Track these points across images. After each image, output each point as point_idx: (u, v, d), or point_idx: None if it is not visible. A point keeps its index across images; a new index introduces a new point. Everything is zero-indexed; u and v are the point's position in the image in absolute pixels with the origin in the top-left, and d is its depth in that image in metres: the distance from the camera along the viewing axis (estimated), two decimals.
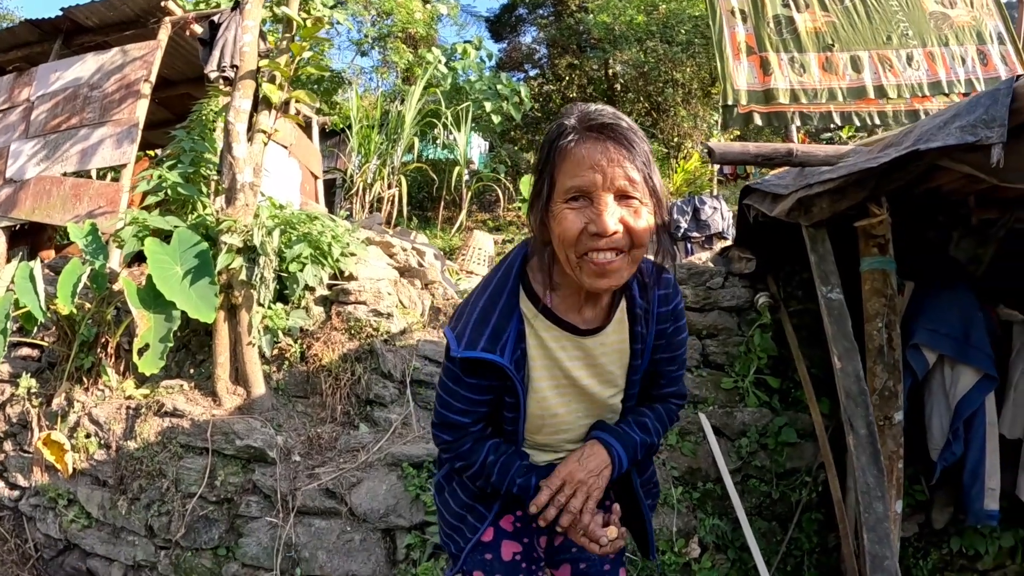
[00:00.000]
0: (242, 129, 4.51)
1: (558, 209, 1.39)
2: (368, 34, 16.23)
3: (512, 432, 1.65)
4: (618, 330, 1.63)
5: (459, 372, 1.56)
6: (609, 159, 1.34)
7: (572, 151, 1.36)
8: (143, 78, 6.79)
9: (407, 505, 3.57)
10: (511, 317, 1.53)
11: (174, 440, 3.96)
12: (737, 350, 4.18)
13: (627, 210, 1.36)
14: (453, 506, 1.79)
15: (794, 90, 5.31)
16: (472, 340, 1.51)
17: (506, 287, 1.56)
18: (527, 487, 1.59)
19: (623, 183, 1.34)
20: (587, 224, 1.35)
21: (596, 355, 1.61)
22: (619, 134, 1.36)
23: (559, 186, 1.38)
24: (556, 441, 1.71)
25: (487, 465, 1.62)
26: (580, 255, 1.38)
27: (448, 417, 1.62)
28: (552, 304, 1.56)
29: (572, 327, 1.57)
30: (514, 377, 1.53)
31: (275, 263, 4.27)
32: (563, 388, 1.63)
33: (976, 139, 2.03)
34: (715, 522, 3.69)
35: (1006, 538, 3.80)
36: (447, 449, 1.67)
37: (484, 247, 8.02)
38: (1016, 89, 2.01)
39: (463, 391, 1.58)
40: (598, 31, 15.12)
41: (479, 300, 1.57)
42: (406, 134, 10.50)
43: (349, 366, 4.26)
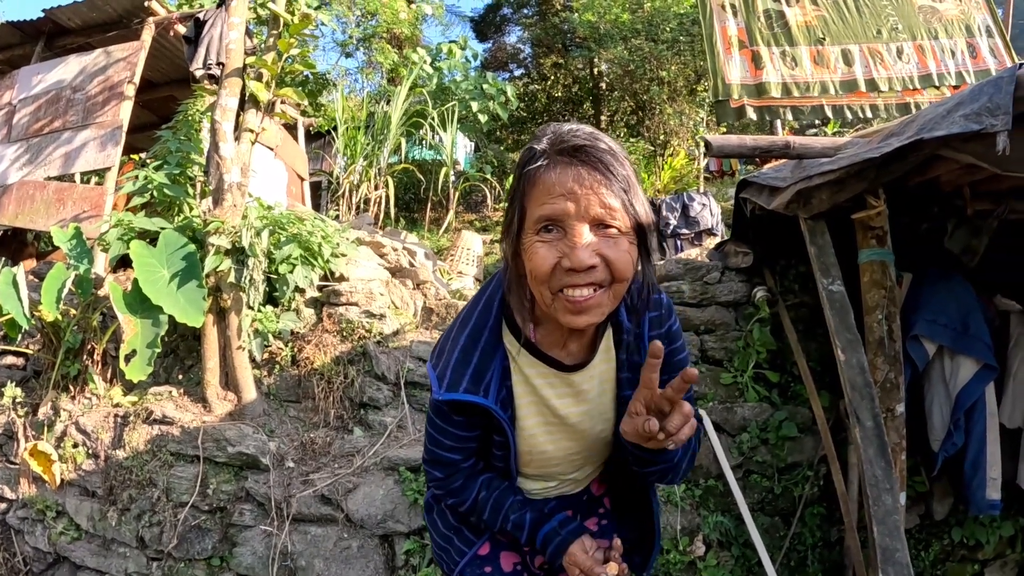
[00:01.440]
0: (229, 128, 4.43)
1: (529, 242, 1.27)
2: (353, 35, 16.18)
3: (503, 469, 1.58)
4: (605, 360, 1.53)
5: (446, 410, 1.48)
6: (582, 185, 1.22)
7: (542, 177, 1.25)
8: (127, 79, 6.70)
9: (405, 510, 3.51)
10: (494, 355, 1.45)
11: (164, 448, 3.88)
12: (735, 345, 4.15)
13: (605, 240, 1.24)
14: (441, 527, 1.75)
15: (786, 83, 5.31)
16: (454, 381, 1.42)
17: (487, 323, 1.46)
18: (521, 524, 1.54)
19: (599, 211, 1.22)
20: (561, 258, 1.23)
21: (585, 391, 1.52)
22: (594, 157, 1.24)
23: (529, 216, 1.27)
24: (547, 473, 1.65)
25: (479, 502, 1.57)
26: (555, 291, 1.27)
27: (439, 454, 1.56)
28: (536, 339, 1.47)
29: (557, 363, 1.48)
30: (500, 417, 1.45)
31: (264, 264, 4.20)
32: (552, 426, 1.54)
33: (981, 127, 2.01)
34: (719, 519, 3.65)
35: (1006, 527, 3.82)
36: (439, 486, 1.61)
37: (473, 247, 7.98)
38: (1020, 77, 1.99)
39: (452, 428, 1.51)
40: (583, 30, 15.11)
41: (460, 337, 1.47)
42: (392, 135, 10.42)
43: (342, 369, 4.19)
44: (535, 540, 1.53)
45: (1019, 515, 3.88)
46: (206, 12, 6.65)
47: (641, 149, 13.81)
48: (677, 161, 12.63)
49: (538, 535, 1.52)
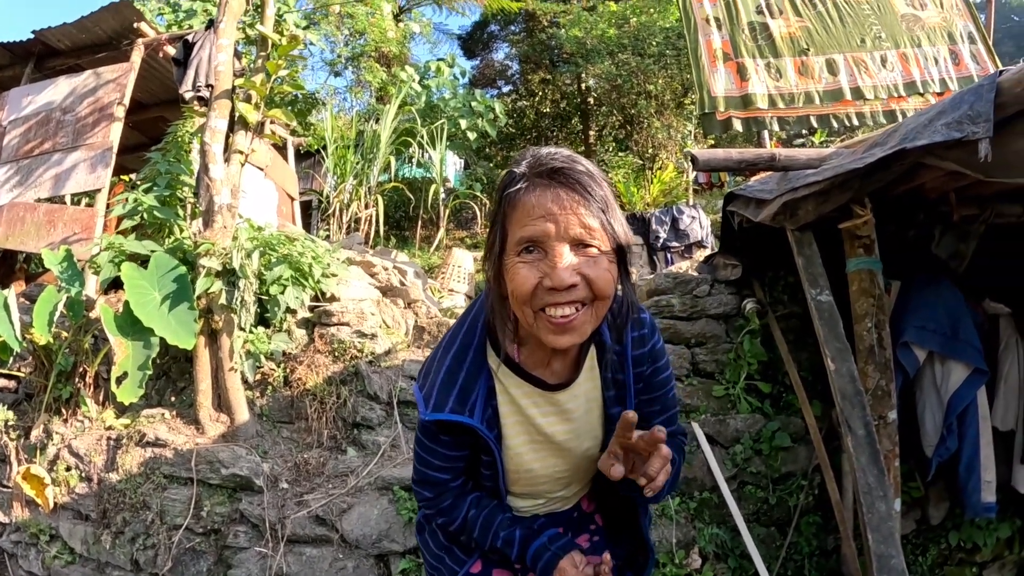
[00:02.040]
0: (218, 150, 4.44)
1: (511, 263, 1.29)
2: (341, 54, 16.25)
3: (492, 488, 1.58)
4: (589, 378, 1.54)
5: (432, 432, 1.50)
6: (561, 206, 1.24)
7: (522, 199, 1.27)
8: (116, 101, 6.71)
9: (400, 529, 3.50)
10: (479, 375, 1.46)
11: (157, 471, 3.87)
12: (727, 357, 4.17)
13: (585, 260, 1.26)
14: (433, 547, 1.75)
15: (771, 95, 5.35)
16: (439, 402, 1.43)
17: (472, 343, 1.48)
18: (511, 540, 1.53)
19: (578, 231, 1.25)
20: (542, 278, 1.25)
21: (570, 410, 1.53)
22: (572, 179, 1.26)
23: (511, 237, 1.29)
24: (535, 491, 1.65)
25: (469, 520, 1.56)
26: (537, 311, 1.29)
27: (427, 475, 1.57)
28: (520, 359, 1.48)
29: (541, 382, 1.49)
30: (487, 437, 1.46)
31: (255, 286, 4.20)
32: (537, 445, 1.55)
33: (963, 135, 2.03)
34: (714, 531, 3.65)
35: (1003, 529, 3.82)
36: (429, 505, 1.62)
37: (463, 265, 7.99)
38: (1000, 83, 2.02)
39: (440, 448, 1.52)
40: (570, 46, 15.18)
41: (444, 358, 1.48)
42: (382, 153, 10.45)
43: (334, 389, 4.18)
44: (525, 556, 1.52)
45: (1015, 516, 3.89)
46: (195, 34, 6.67)
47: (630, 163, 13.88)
48: (666, 174, 12.69)
49: (528, 551, 1.51)
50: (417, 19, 18.65)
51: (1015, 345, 3.54)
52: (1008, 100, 2.01)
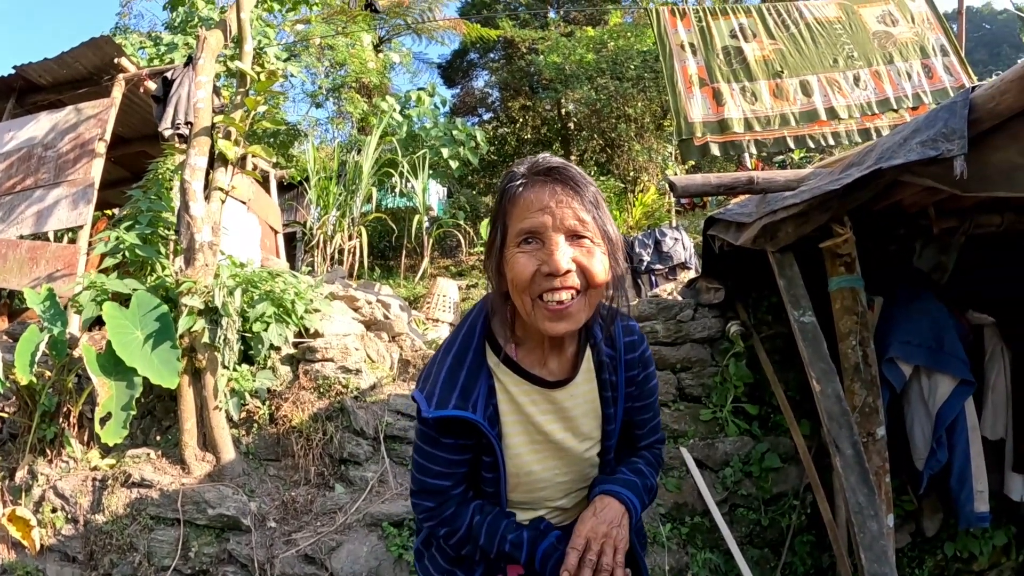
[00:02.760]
0: (199, 187, 4.43)
1: (511, 254, 1.38)
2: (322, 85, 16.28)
3: (493, 493, 1.58)
4: (587, 380, 1.60)
5: (434, 433, 1.51)
6: (557, 200, 1.34)
7: (521, 195, 1.38)
8: (97, 136, 6.68)
9: (390, 566, 3.46)
10: (479, 374, 1.50)
11: (143, 512, 3.81)
12: (712, 381, 4.17)
13: (579, 250, 1.36)
14: (434, 572, 1.71)
15: (747, 118, 5.40)
16: (442, 399, 1.46)
17: (471, 344, 1.53)
18: (519, 543, 1.52)
19: (573, 223, 1.35)
20: (540, 265, 1.34)
21: (568, 408, 1.58)
22: (566, 177, 1.37)
23: (511, 231, 1.39)
24: (534, 499, 1.64)
25: (474, 527, 1.54)
26: (535, 298, 1.37)
27: (427, 483, 1.55)
28: (518, 358, 1.54)
29: (540, 380, 1.54)
30: (489, 433, 1.48)
31: (238, 324, 4.18)
32: (537, 445, 1.57)
33: (938, 153, 2.05)
34: (707, 555, 3.63)
35: (999, 537, 3.84)
36: (430, 516, 1.58)
37: (448, 294, 7.97)
38: (973, 100, 2.04)
39: (440, 452, 1.52)
40: (549, 72, 15.28)
41: (445, 359, 1.53)
42: (364, 184, 10.46)
43: (320, 425, 4.14)
44: (534, 559, 1.52)
45: (1010, 523, 3.90)
46: (174, 71, 6.67)
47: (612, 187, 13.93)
48: (648, 197, 12.76)
49: (537, 552, 1.51)
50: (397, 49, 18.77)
51: (1000, 354, 3.56)
52: (983, 116, 2.03)
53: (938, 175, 2.25)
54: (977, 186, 2.14)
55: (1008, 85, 1.93)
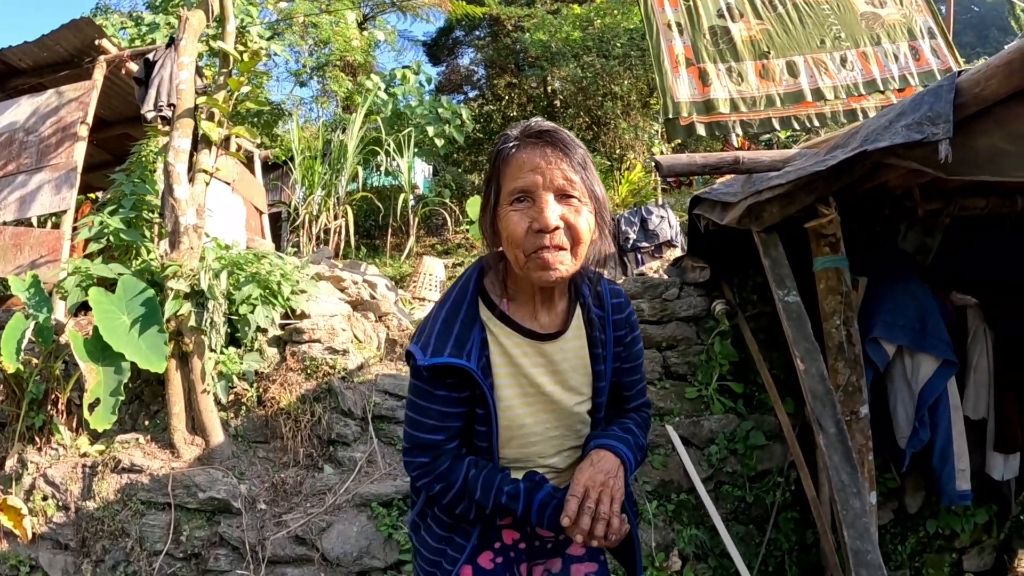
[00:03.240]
0: (182, 170, 4.40)
1: (504, 212, 1.47)
2: (306, 64, 16.11)
3: (486, 448, 1.61)
4: (577, 336, 1.66)
5: (427, 386, 1.55)
6: (548, 161, 1.43)
7: (514, 156, 1.46)
8: (79, 120, 6.58)
9: (380, 546, 3.49)
10: (473, 326, 1.56)
11: (134, 497, 3.81)
12: (698, 359, 4.20)
13: (568, 208, 1.44)
14: (431, 542, 1.71)
15: (733, 99, 5.39)
16: (437, 348, 1.51)
17: (465, 299, 1.59)
18: (515, 494, 1.55)
19: (562, 182, 1.43)
20: (531, 222, 1.42)
21: (558, 361, 1.63)
22: (556, 139, 1.45)
23: (504, 190, 1.47)
24: (526, 455, 1.67)
25: (469, 481, 1.56)
26: (528, 254, 1.44)
27: (420, 438, 1.59)
28: (510, 312, 1.60)
29: (531, 332, 1.60)
30: (483, 383, 1.53)
31: (224, 306, 4.16)
32: (529, 397, 1.62)
33: (923, 136, 2.07)
34: (693, 532, 3.68)
35: (980, 515, 3.93)
36: (424, 472, 1.61)
37: (434, 273, 7.95)
38: (959, 84, 2.05)
39: (434, 405, 1.55)
40: (535, 49, 15.18)
41: (440, 312, 1.59)
42: (349, 163, 10.37)
43: (308, 407, 4.15)
44: (531, 509, 1.55)
45: (991, 502, 3.98)
46: (156, 52, 6.57)
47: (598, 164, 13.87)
48: (634, 175, 12.73)
49: (533, 502, 1.55)
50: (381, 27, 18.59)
51: (983, 335, 3.61)
52: (968, 100, 2.04)
53: (923, 158, 2.26)
54: (962, 170, 2.16)
55: (994, 71, 1.94)
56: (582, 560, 1.79)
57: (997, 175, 2.15)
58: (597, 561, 1.81)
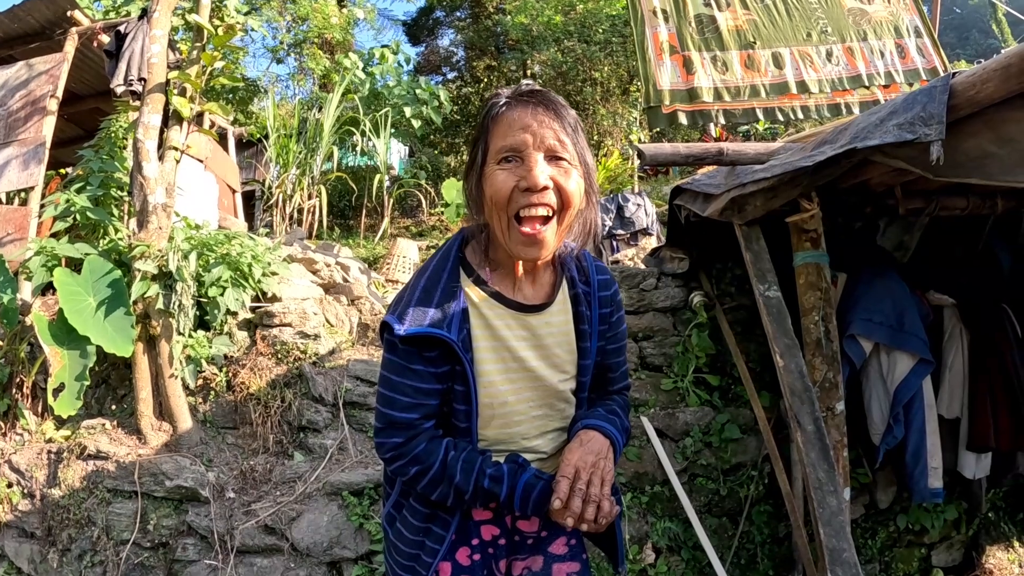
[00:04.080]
0: (152, 146, 4.27)
1: (491, 171, 1.43)
2: (284, 40, 15.82)
3: (466, 429, 1.53)
4: (562, 311, 1.61)
5: (402, 360, 1.47)
6: (539, 121, 1.39)
7: (504, 115, 1.42)
8: (49, 93, 6.41)
9: (351, 535, 3.43)
10: (453, 296, 1.49)
11: (100, 485, 3.71)
12: (674, 350, 4.18)
13: (557, 170, 1.41)
14: (407, 534, 1.61)
15: (717, 88, 5.35)
16: (416, 317, 1.45)
17: (446, 268, 1.53)
18: (499, 477, 1.48)
19: (553, 142, 1.39)
20: (518, 182, 1.39)
21: (542, 335, 1.57)
22: (548, 100, 1.43)
23: (492, 148, 1.43)
24: (509, 436, 1.60)
25: (448, 464, 1.47)
26: (512, 216, 1.41)
27: (394, 416, 1.49)
28: (492, 282, 1.55)
29: (515, 304, 1.55)
30: (463, 357, 1.46)
31: (193, 288, 4.06)
32: (512, 373, 1.55)
33: (915, 137, 2.04)
34: (667, 524, 3.67)
35: (950, 511, 3.97)
36: (398, 454, 1.50)
37: (408, 255, 7.88)
38: (954, 86, 2.02)
39: (409, 381, 1.47)
40: (516, 32, 15.06)
41: (418, 281, 1.53)
42: (325, 142, 10.27)
43: (278, 392, 4.07)
44: (515, 492, 1.49)
45: (961, 499, 4.03)
46: (128, 24, 6.41)
47: None
48: (611, 161, 12.69)
49: (518, 485, 1.49)
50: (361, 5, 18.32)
51: (959, 335, 3.62)
52: (961, 103, 2.02)
53: (911, 157, 2.24)
54: (949, 171, 2.14)
55: (990, 74, 1.92)
56: (564, 559, 1.71)
57: (984, 178, 2.13)
58: (579, 560, 1.74)
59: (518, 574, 1.72)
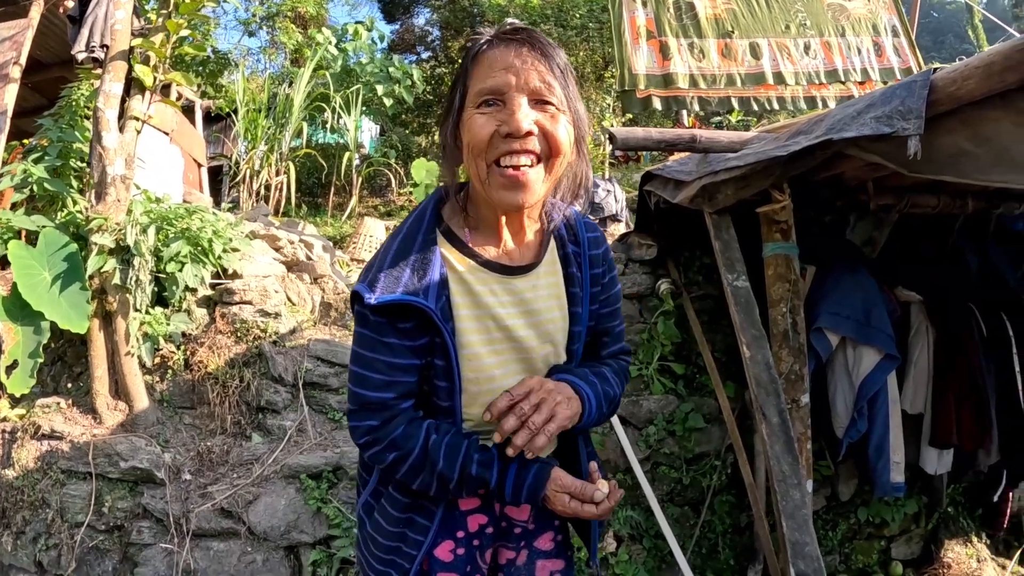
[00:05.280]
0: (112, 116, 4.13)
1: (469, 115, 1.31)
2: (256, 13, 15.53)
3: (448, 408, 1.40)
4: (551, 272, 1.49)
5: (373, 333, 1.34)
6: (523, 60, 1.27)
7: (485, 54, 1.30)
8: (12, 60, 6.19)
9: (309, 519, 3.37)
10: (429, 260, 1.35)
11: (54, 465, 3.61)
12: (640, 338, 4.15)
13: (543, 115, 1.29)
14: (386, 526, 1.49)
15: (693, 75, 5.35)
16: (389, 284, 1.31)
17: (420, 229, 1.39)
18: (488, 463, 1.36)
19: (538, 84, 1.27)
20: (499, 126, 1.26)
21: (529, 300, 1.44)
22: (535, 39, 1.30)
23: (471, 91, 1.31)
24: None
25: (430, 448, 1.34)
26: (491, 163, 1.29)
27: (366, 396, 1.35)
28: (473, 243, 1.41)
29: (499, 265, 1.41)
30: (442, 327, 1.32)
31: (151, 264, 3.94)
32: (497, 344, 1.42)
33: (892, 130, 2.01)
34: (628, 513, 3.66)
35: (910, 505, 4.03)
36: (374, 439, 1.37)
37: (375, 234, 7.80)
38: (935, 81, 1.99)
39: (382, 356, 1.34)
40: (492, 13, 14.91)
41: (391, 245, 1.38)
42: (295, 118, 10.09)
43: (237, 372, 3.99)
44: (506, 477, 1.37)
45: (921, 494, 4.08)
46: None
47: None
48: None
49: (509, 470, 1.38)
50: None
51: (925, 332, 3.63)
52: (941, 98, 1.99)
53: (886, 152, 2.22)
54: (923, 168, 2.12)
55: (972, 71, 1.89)
56: (549, 555, 1.63)
57: (958, 176, 2.11)
58: (564, 557, 1.66)
59: (503, 563, 1.63)
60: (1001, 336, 3.66)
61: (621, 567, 3.51)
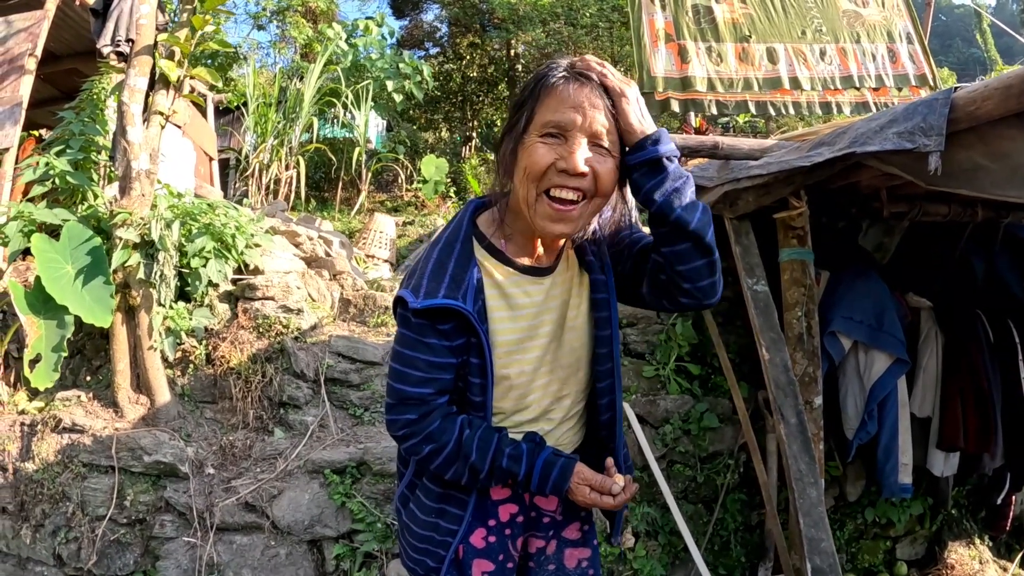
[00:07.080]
0: (137, 110, 4.17)
1: (531, 141, 1.40)
2: (266, 7, 15.51)
3: (480, 403, 1.51)
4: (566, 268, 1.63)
5: (415, 334, 1.45)
6: (592, 104, 1.37)
7: (559, 88, 1.39)
8: (28, 52, 6.18)
9: (332, 514, 3.43)
10: (468, 266, 1.48)
11: (76, 459, 3.63)
12: (657, 338, 4.21)
13: (597, 156, 1.39)
14: (421, 515, 1.62)
15: (711, 78, 5.38)
16: (431, 289, 1.43)
17: (459, 238, 1.51)
18: (517, 456, 1.48)
19: (599, 128, 1.38)
20: (557, 160, 1.37)
21: (555, 295, 1.59)
22: (605, 84, 1.40)
23: (537, 119, 1.40)
24: (525, 405, 1.60)
25: (464, 442, 1.46)
26: (542, 191, 1.40)
27: (406, 392, 1.47)
28: (507, 251, 1.54)
29: (528, 268, 1.55)
30: (478, 328, 1.44)
31: (175, 259, 3.99)
32: (528, 342, 1.55)
33: (914, 146, 2.06)
34: (646, 510, 3.72)
35: (916, 506, 4.08)
36: (412, 432, 1.48)
37: (385, 230, 7.83)
38: (955, 99, 2.04)
39: (422, 355, 1.45)
40: (502, 11, 14.88)
41: (432, 253, 1.50)
42: (304, 113, 10.11)
43: (259, 367, 4.03)
44: (534, 470, 1.48)
45: (927, 495, 4.12)
46: None
47: None
48: None
49: (536, 463, 1.48)
50: None
51: (934, 337, 3.69)
52: (961, 116, 2.03)
53: (905, 164, 2.27)
54: (941, 181, 2.17)
55: (992, 92, 1.94)
56: (576, 544, 1.75)
57: (974, 190, 2.17)
58: (591, 546, 1.78)
59: (533, 552, 1.74)
60: (1007, 342, 3.73)
61: (639, 562, 3.57)
